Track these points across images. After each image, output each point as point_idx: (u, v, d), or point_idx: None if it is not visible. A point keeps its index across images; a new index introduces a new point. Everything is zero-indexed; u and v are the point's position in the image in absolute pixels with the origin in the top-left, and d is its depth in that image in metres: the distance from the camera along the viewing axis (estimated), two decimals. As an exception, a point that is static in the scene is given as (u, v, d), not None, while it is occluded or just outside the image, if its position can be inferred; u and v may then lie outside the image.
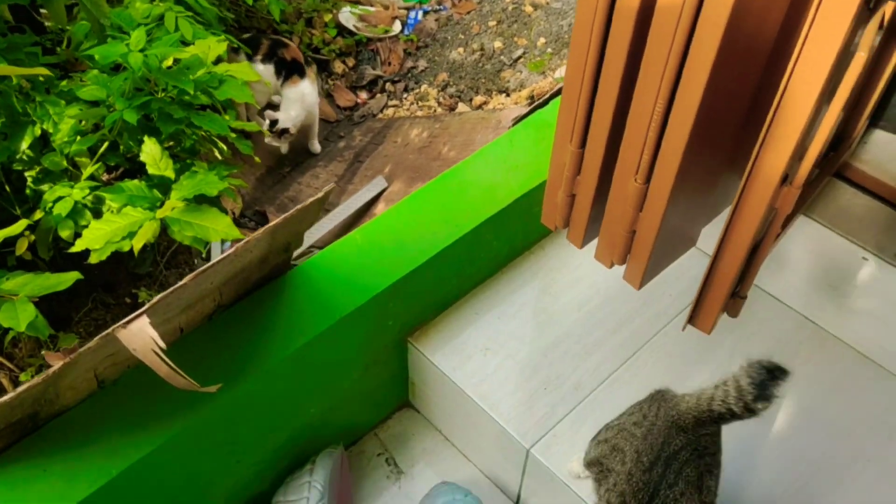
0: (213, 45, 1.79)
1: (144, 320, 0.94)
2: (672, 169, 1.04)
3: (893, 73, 1.30)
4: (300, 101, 2.74)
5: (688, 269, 1.51)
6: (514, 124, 1.65)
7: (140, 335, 0.93)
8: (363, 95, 3.25)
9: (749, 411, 0.96)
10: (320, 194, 1.08)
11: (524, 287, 1.56)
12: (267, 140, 2.75)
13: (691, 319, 1.20)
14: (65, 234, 1.64)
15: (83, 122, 1.71)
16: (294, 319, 1.26)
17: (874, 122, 1.51)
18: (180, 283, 0.96)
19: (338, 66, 3.33)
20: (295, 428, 1.37)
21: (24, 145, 1.70)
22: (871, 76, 1.32)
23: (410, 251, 1.38)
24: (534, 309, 1.53)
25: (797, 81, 0.83)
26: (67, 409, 1.11)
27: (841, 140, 1.45)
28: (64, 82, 1.77)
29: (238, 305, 1.26)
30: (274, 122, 2.67)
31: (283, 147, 2.86)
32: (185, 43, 1.84)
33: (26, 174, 1.78)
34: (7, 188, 1.80)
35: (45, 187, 1.71)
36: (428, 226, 1.43)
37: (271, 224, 1.04)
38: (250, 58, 2.72)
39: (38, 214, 1.71)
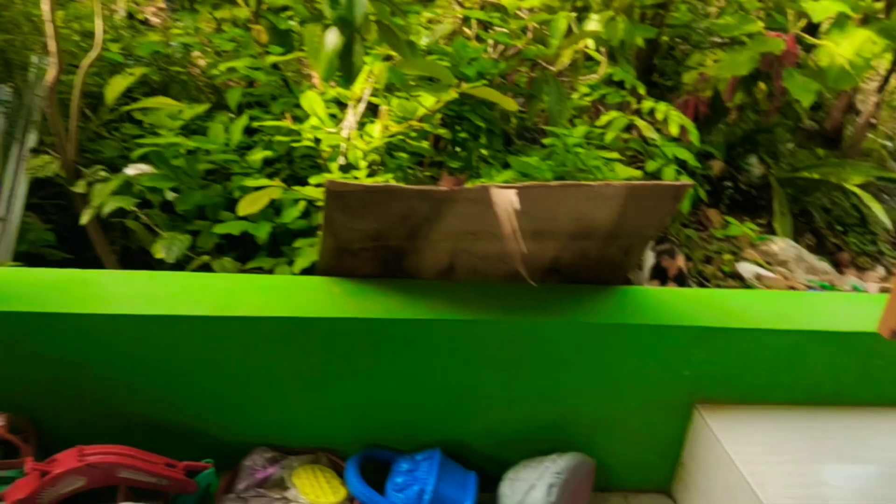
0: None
1: (513, 191, 1.22)
2: None
3: None
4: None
5: None
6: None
7: (506, 197, 1.22)
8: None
9: None
10: (677, 182, 1.28)
11: (855, 427, 1.46)
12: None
13: None
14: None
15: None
16: (596, 305, 1.42)
17: None
18: (552, 182, 1.24)
19: (716, 301, 3.50)
20: (554, 411, 1.45)
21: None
22: None
23: (725, 317, 1.44)
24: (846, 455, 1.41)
25: None
26: (419, 274, 1.41)
27: None
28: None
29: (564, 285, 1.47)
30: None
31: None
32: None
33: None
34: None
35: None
36: (756, 310, 1.48)
37: (631, 182, 1.27)
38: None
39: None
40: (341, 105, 2.23)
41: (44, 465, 1.23)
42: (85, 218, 2.04)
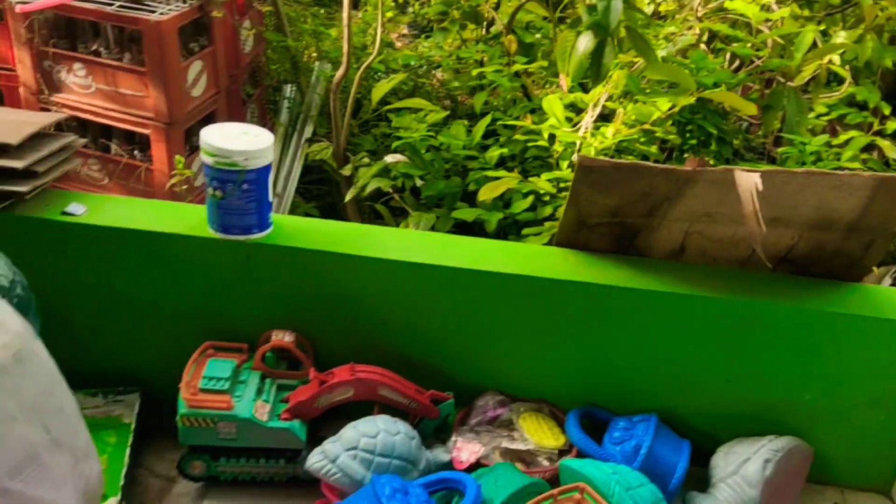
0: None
1: (757, 174, 1.30)
2: None
3: None
4: None
5: None
6: None
7: (749, 180, 1.30)
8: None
9: None
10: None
11: None
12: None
13: None
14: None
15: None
16: (828, 295, 1.44)
17: None
18: (796, 169, 1.30)
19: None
20: (774, 396, 1.49)
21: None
22: None
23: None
24: None
25: None
26: (650, 252, 1.52)
27: None
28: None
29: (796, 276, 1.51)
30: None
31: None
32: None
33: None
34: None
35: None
36: None
37: (881, 174, 1.29)
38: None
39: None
40: (576, 111, 2.40)
41: (323, 375, 1.50)
42: (349, 195, 2.38)
